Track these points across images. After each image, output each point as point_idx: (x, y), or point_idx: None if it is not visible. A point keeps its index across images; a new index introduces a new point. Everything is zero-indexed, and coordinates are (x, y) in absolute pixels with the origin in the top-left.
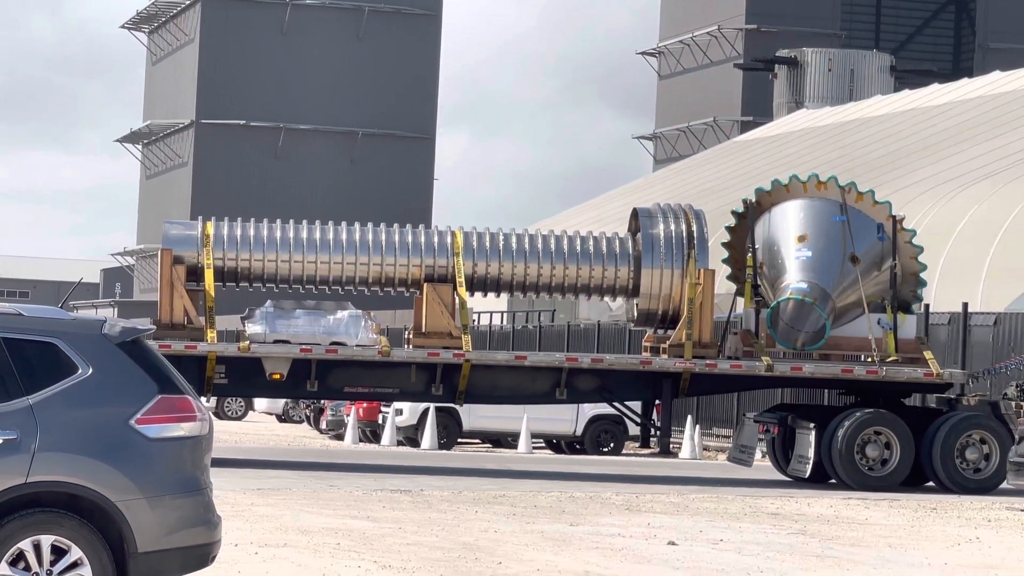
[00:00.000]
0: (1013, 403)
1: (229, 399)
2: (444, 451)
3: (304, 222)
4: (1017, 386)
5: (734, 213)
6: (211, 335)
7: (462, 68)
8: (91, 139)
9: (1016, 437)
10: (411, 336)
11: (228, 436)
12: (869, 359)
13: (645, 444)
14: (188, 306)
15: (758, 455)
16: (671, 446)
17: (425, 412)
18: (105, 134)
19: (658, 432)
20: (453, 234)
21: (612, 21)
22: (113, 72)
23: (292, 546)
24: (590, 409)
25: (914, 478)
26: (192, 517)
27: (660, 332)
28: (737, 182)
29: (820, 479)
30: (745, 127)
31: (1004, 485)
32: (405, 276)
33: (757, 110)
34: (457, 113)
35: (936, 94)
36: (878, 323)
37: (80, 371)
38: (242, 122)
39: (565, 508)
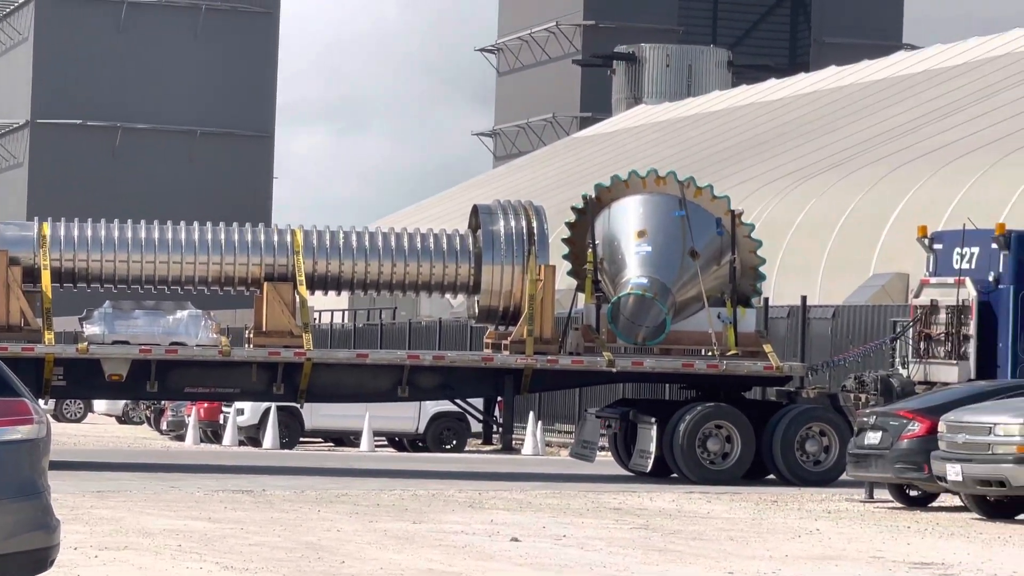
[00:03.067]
0: (852, 395)
1: (68, 401)
2: (286, 451)
3: (143, 222)
4: (855, 378)
5: (574, 209)
6: (48, 337)
7: (311, 64)
8: None
9: (855, 429)
10: (252, 335)
11: (67, 438)
12: (709, 353)
13: (488, 441)
14: (25, 308)
15: (600, 451)
16: (513, 443)
17: (267, 412)
18: None
19: (500, 429)
20: (293, 232)
21: (454, 17)
22: None
23: (133, 548)
24: (432, 407)
25: (756, 471)
26: (30, 521)
27: (502, 329)
28: (577, 178)
29: (662, 473)
30: (584, 123)
31: (844, 477)
32: (245, 275)
33: (596, 106)
34: (310, 110)
35: (773, 89)
36: (718, 317)
37: None
38: (78, 122)
39: (408, 506)
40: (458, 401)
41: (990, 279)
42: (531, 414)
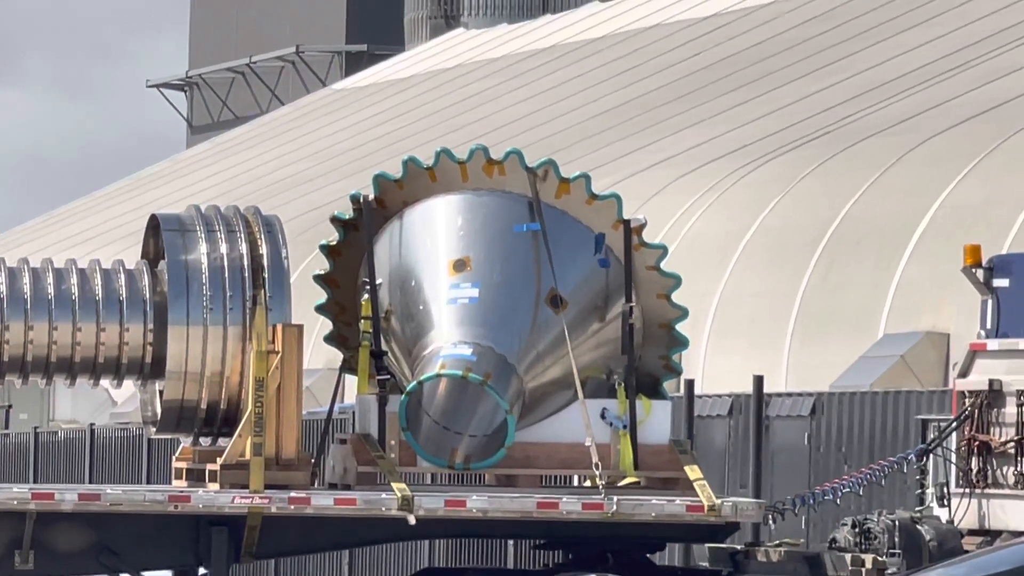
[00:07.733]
0: (848, 556)
1: None
2: None
3: None
4: (855, 525)
5: (336, 222)
6: None
7: None
8: None
9: None
10: None
11: None
12: (588, 483)
13: None
14: None
15: None
16: None
17: None
18: None
19: None
20: None
21: None
22: None
23: None
24: None
25: None
26: None
27: (205, 442)
28: (343, 164)
29: None
30: (354, 64)
31: None
32: None
33: (376, 34)
34: None
35: None
36: (602, 417)
37: None
38: None
39: None
40: None
41: None
42: None
